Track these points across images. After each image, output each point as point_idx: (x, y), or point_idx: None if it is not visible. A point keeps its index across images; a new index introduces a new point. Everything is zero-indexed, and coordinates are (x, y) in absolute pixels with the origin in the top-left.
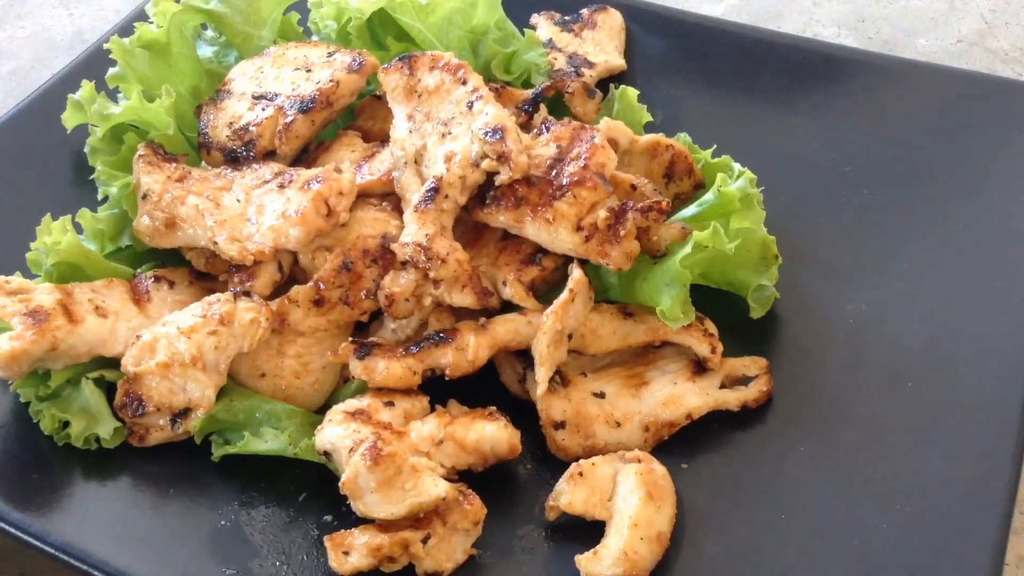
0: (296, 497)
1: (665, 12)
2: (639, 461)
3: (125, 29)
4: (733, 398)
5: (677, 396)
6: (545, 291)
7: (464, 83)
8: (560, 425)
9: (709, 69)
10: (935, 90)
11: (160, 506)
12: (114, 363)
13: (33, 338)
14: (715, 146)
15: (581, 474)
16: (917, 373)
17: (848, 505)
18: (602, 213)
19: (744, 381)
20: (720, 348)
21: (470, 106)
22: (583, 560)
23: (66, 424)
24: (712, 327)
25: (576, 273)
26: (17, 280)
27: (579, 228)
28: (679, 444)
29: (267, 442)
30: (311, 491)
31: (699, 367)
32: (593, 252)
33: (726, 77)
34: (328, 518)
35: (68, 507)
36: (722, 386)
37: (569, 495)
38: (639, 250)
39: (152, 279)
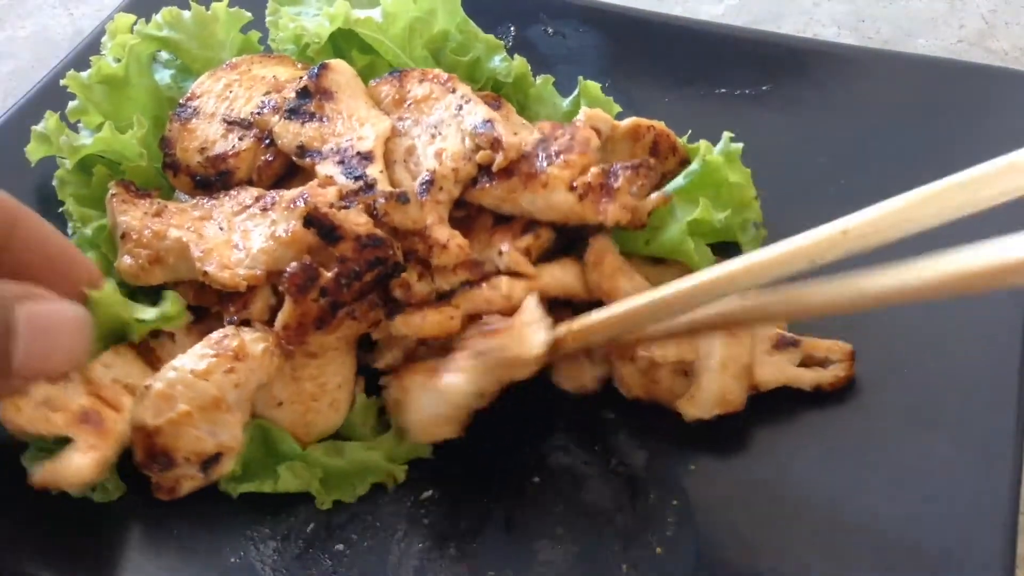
0: (304, 528)
1: (650, 16)
2: None
3: (80, 58)
4: (809, 377)
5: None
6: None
7: (454, 91)
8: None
9: (705, 69)
10: (933, 83)
11: (167, 546)
12: None
13: (103, 443)
14: (690, 131)
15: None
16: (913, 360)
17: (858, 495)
18: (593, 170)
19: (824, 366)
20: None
21: (459, 108)
22: (682, 403)
23: None
24: None
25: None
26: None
27: (572, 188)
28: (686, 444)
29: (286, 480)
30: (319, 521)
31: (783, 342)
32: (589, 210)
33: (727, 77)
34: (340, 547)
35: (70, 553)
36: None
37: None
38: (634, 203)
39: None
